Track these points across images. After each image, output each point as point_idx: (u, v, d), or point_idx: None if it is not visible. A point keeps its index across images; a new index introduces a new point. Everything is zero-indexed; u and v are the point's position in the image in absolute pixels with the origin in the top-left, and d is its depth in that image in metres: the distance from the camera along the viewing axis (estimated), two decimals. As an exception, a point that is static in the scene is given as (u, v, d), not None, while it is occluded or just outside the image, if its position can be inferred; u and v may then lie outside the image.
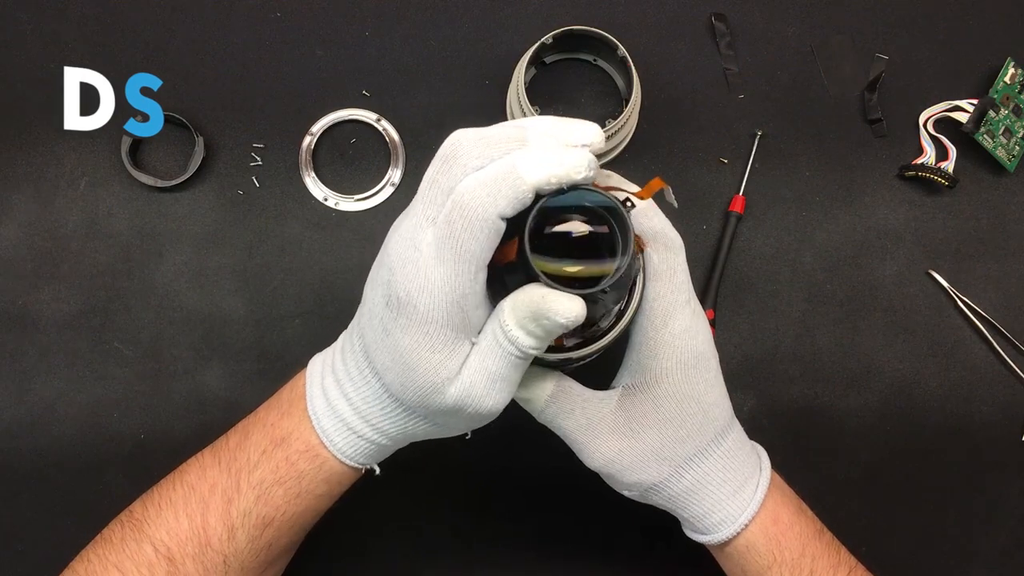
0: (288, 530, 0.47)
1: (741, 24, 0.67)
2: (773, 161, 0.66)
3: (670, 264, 0.43)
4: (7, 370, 0.62)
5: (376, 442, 0.45)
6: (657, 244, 0.43)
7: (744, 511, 0.46)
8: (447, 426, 0.44)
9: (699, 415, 0.45)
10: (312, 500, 0.47)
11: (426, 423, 0.43)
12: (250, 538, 0.45)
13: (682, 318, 0.44)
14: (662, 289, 0.43)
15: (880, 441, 0.64)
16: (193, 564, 0.45)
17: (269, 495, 0.45)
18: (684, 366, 0.44)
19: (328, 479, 0.46)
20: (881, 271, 0.65)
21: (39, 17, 0.65)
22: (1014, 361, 0.65)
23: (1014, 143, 0.66)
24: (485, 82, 0.65)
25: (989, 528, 0.63)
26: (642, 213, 0.43)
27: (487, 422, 0.43)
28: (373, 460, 0.47)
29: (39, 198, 0.63)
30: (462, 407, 0.40)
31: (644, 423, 0.45)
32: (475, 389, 0.40)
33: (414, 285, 0.37)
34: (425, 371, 0.39)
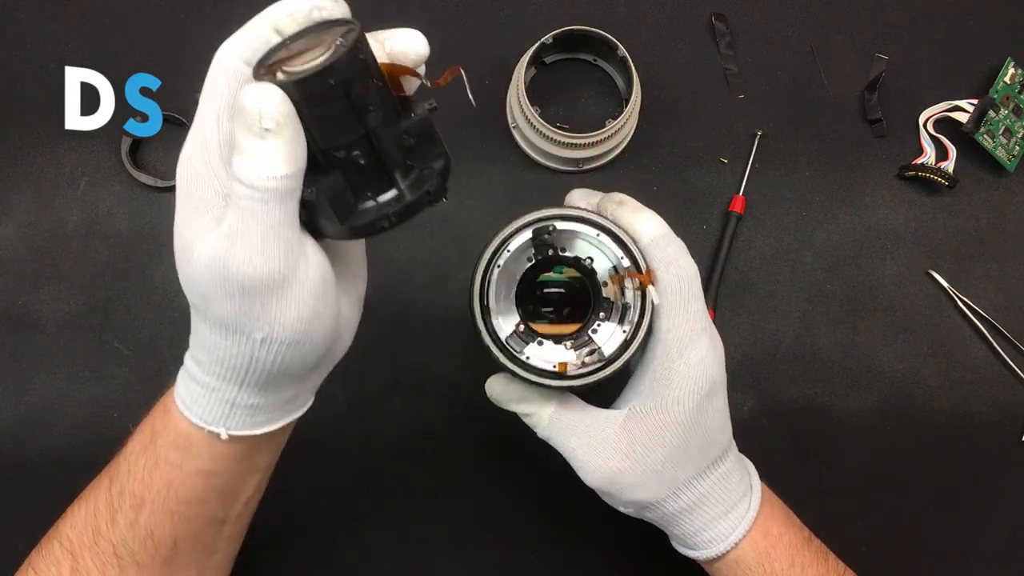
0: (165, 516, 0.43)
1: (741, 24, 0.67)
2: (773, 161, 0.66)
3: (684, 294, 0.43)
4: (7, 370, 0.62)
5: (206, 384, 0.40)
6: (670, 273, 0.43)
7: (735, 529, 0.46)
8: (241, 331, 0.37)
9: (703, 441, 0.45)
10: (170, 472, 0.43)
11: (223, 337, 0.38)
12: (129, 522, 0.43)
13: (698, 348, 0.44)
14: (677, 319, 0.43)
15: (880, 441, 0.64)
16: (90, 556, 0.44)
17: (135, 466, 0.43)
18: (697, 396, 0.44)
19: (177, 443, 0.42)
20: (881, 271, 0.65)
21: (39, 17, 0.65)
22: (1014, 361, 0.65)
23: (1014, 143, 0.66)
24: (485, 82, 0.65)
25: (989, 528, 0.63)
26: (655, 244, 0.43)
27: (264, 301, 0.37)
28: (221, 420, 0.41)
29: (39, 198, 0.63)
30: (214, 271, 0.36)
31: (648, 446, 0.45)
32: (218, 248, 0.35)
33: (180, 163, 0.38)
34: (179, 237, 0.37)
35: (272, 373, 0.39)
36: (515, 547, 0.62)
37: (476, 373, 0.63)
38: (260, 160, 0.34)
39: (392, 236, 0.63)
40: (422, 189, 0.38)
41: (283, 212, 0.35)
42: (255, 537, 0.61)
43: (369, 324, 0.63)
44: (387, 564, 0.61)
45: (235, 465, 0.44)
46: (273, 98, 0.33)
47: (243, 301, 0.36)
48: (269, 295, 0.36)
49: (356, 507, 0.62)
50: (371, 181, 0.38)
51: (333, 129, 0.36)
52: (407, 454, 0.62)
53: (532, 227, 0.42)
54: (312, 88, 0.34)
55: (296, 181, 0.35)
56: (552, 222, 0.42)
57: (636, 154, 0.65)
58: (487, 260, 0.43)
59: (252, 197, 0.35)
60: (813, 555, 0.48)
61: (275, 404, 0.42)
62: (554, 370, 0.44)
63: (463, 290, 0.63)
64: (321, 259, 0.38)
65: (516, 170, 0.65)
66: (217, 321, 0.38)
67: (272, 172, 0.34)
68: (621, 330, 0.44)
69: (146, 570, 0.44)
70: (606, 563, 0.62)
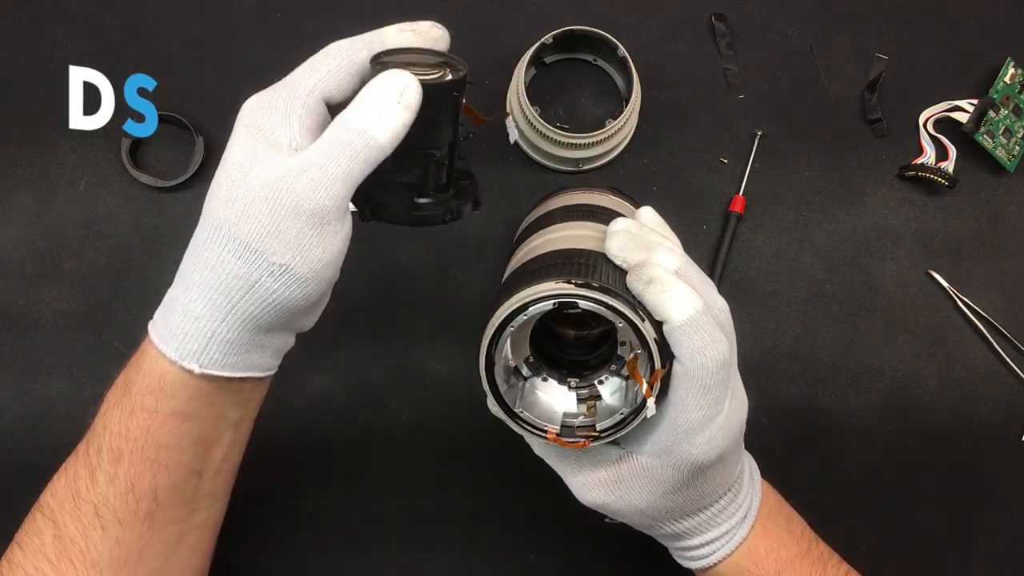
0: (144, 465, 0.43)
1: (741, 24, 0.67)
2: (773, 161, 0.66)
3: (704, 383, 0.41)
4: (7, 370, 0.62)
5: (190, 312, 0.41)
6: (694, 362, 0.40)
7: (716, 552, 0.47)
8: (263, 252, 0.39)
9: (696, 496, 0.45)
10: (146, 418, 0.43)
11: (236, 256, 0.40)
12: (108, 478, 0.43)
13: (707, 431, 0.42)
14: (691, 405, 0.41)
15: (880, 441, 0.64)
16: (72, 520, 0.44)
17: (111, 421, 0.44)
18: (695, 470, 0.43)
19: (151, 386, 0.43)
20: (881, 271, 0.65)
21: (38, 17, 0.65)
22: (1014, 361, 0.65)
23: (1014, 143, 0.66)
24: (485, 82, 0.65)
25: (989, 528, 0.63)
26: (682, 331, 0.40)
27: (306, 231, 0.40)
28: (196, 356, 0.41)
29: (39, 198, 0.63)
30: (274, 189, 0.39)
31: (636, 491, 0.44)
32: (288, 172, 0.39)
33: None
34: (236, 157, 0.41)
35: (264, 305, 0.41)
36: (515, 547, 0.62)
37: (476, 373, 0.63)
38: (377, 119, 0.40)
39: (392, 236, 0.63)
40: (470, 198, 0.46)
41: (360, 169, 0.40)
42: (256, 536, 0.61)
43: (369, 324, 0.63)
44: (387, 564, 0.61)
45: (207, 410, 0.44)
46: (415, 85, 0.40)
47: (283, 223, 0.39)
48: (310, 228, 0.39)
49: (356, 507, 0.62)
50: (439, 184, 0.45)
51: (434, 132, 0.43)
52: (407, 454, 0.62)
53: (555, 300, 0.40)
54: (437, 94, 0.42)
55: (379, 157, 0.41)
56: (577, 300, 0.40)
57: (636, 154, 0.65)
58: (502, 321, 0.41)
59: (350, 142, 0.40)
60: (808, 567, 0.48)
61: (247, 348, 0.43)
62: (544, 433, 0.43)
63: (463, 290, 0.64)
64: (350, 222, 0.43)
65: (516, 170, 0.65)
66: (241, 240, 0.39)
67: (379, 134, 0.40)
68: (625, 392, 0.43)
69: (128, 527, 0.44)
70: (606, 563, 0.62)
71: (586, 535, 0.62)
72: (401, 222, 0.45)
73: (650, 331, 0.40)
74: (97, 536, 0.43)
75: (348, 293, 0.63)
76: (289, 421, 0.62)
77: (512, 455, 0.62)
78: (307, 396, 0.63)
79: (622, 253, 0.42)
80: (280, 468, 0.62)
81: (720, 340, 0.41)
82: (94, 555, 0.43)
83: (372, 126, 0.40)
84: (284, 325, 0.43)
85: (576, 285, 0.40)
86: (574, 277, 0.40)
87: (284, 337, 0.45)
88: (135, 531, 0.44)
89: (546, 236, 0.49)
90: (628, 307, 0.40)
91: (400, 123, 0.40)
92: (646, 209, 0.47)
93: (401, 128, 0.40)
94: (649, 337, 0.40)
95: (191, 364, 0.42)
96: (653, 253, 0.41)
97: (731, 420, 0.43)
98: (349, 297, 0.63)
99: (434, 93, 0.41)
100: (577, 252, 0.44)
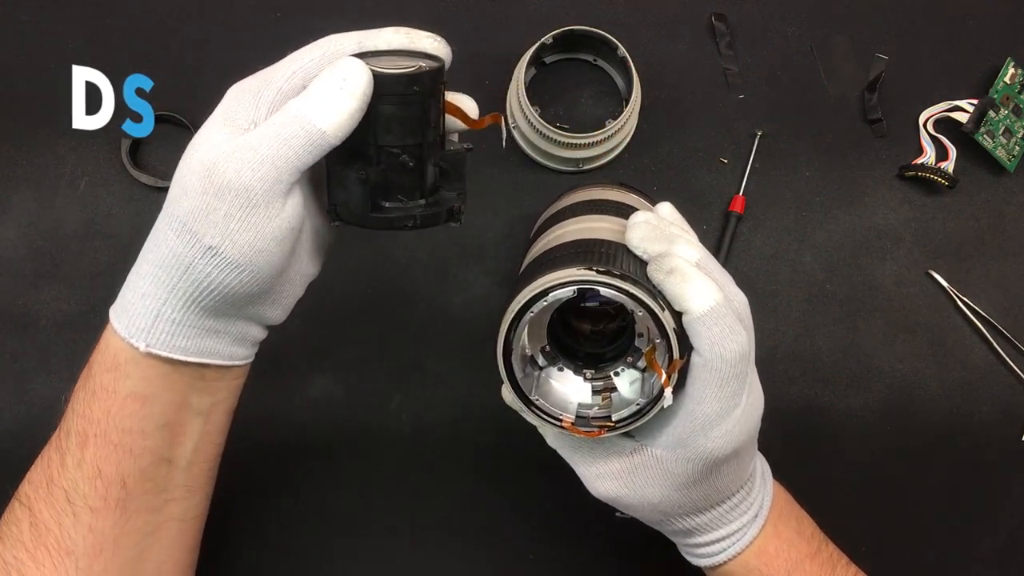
0: (108, 449, 0.43)
1: (741, 24, 0.67)
2: (773, 161, 0.66)
3: (723, 374, 0.40)
4: (7, 370, 0.62)
5: (138, 289, 0.42)
6: (713, 353, 0.40)
7: (726, 550, 0.47)
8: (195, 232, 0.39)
9: (709, 492, 0.44)
10: (106, 399, 0.43)
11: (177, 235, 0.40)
12: (76, 462, 0.43)
13: (724, 425, 0.41)
14: (709, 397, 0.41)
15: (880, 441, 0.64)
16: (46, 507, 0.44)
17: (78, 404, 0.44)
18: (709, 464, 0.42)
19: (107, 364, 0.43)
20: (881, 271, 0.65)
21: (38, 16, 0.65)
22: (1014, 361, 0.65)
23: (1014, 143, 0.66)
24: (485, 82, 0.65)
25: (989, 528, 0.63)
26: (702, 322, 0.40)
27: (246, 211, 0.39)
28: (143, 334, 0.41)
29: (39, 198, 0.63)
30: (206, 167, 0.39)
31: (649, 484, 0.44)
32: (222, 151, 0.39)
33: None
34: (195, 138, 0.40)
35: (200, 287, 0.40)
36: (515, 547, 0.62)
37: (476, 373, 0.63)
38: (319, 105, 0.38)
39: (393, 236, 0.63)
40: (445, 207, 0.43)
41: (295, 155, 0.39)
42: (255, 536, 0.61)
43: (369, 324, 0.63)
44: (387, 564, 0.61)
45: (167, 393, 0.44)
46: (361, 69, 0.39)
47: (212, 202, 0.39)
48: (237, 210, 0.39)
49: (356, 507, 0.62)
50: (405, 187, 0.42)
51: (398, 129, 0.41)
52: (407, 454, 0.62)
53: (576, 287, 0.40)
54: (396, 87, 0.40)
55: (320, 144, 0.39)
56: (598, 287, 0.40)
57: (636, 154, 0.65)
58: (522, 306, 0.41)
59: (285, 125, 0.39)
60: (818, 568, 0.48)
61: (198, 332, 0.42)
62: (559, 421, 0.43)
63: (463, 290, 0.64)
64: (298, 213, 0.41)
65: (516, 170, 0.65)
66: (180, 218, 0.39)
67: (317, 119, 0.38)
68: (641, 384, 0.43)
69: (100, 515, 0.43)
70: (605, 564, 0.62)
71: (586, 535, 0.62)
72: (357, 223, 0.43)
73: (669, 320, 0.40)
74: (70, 522, 0.43)
75: (348, 293, 0.63)
76: (289, 421, 0.62)
77: (512, 455, 0.62)
78: (307, 396, 0.63)
79: (643, 244, 0.42)
80: (280, 468, 0.62)
81: (739, 332, 0.40)
82: (68, 543, 0.43)
83: (309, 110, 0.39)
84: (234, 312, 0.43)
85: (598, 272, 0.39)
86: (595, 265, 0.40)
87: (241, 326, 0.44)
88: (107, 519, 0.44)
89: (563, 229, 0.49)
90: (648, 296, 0.40)
91: (343, 110, 0.38)
92: (665, 204, 0.47)
93: (346, 116, 0.39)
94: (668, 326, 0.40)
95: (138, 342, 0.42)
96: (674, 245, 0.41)
97: (747, 415, 0.43)
98: (349, 297, 0.63)
99: (392, 86, 0.40)
100: (597, 242, 0.44)
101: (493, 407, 0.62)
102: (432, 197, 0.43)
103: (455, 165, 0.44)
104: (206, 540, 0.51)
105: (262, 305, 0.44)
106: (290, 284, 0.45)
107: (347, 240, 0.63)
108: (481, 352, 0.63)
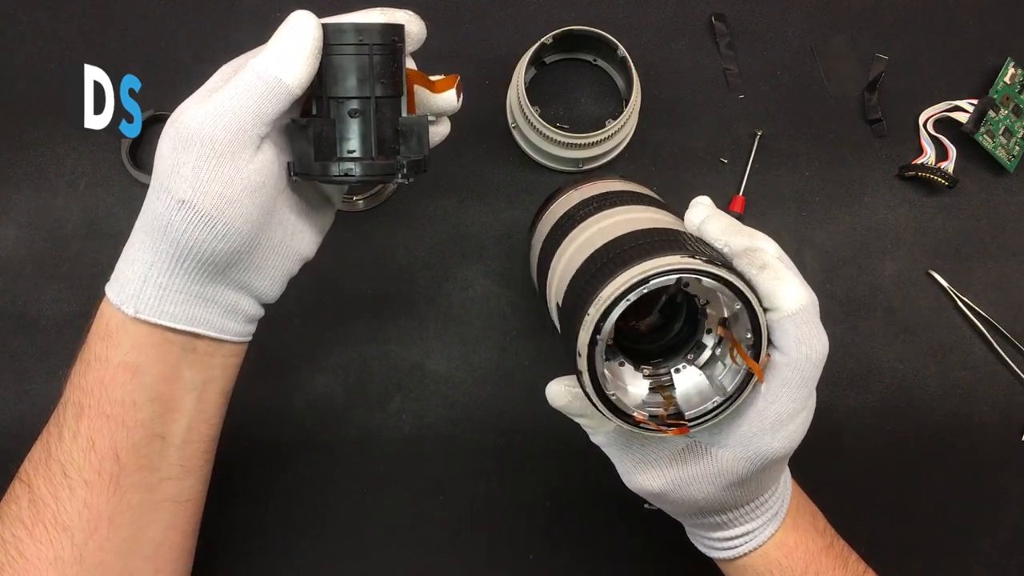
0: (102, 420, 0.43)
1: (741, 24, 0.67)
2: (773, 161, 0.66)
3: (804, 375, 0.40)
4: (7, 370, 0.62)
5: (128, 257, 0.43)
6: (800, 352, 0.40)
7: (749, 542, 0.47)
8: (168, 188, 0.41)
9: (753, 490, 0.44)
10: (99, 368, 0.43)
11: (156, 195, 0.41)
12: (72, 434, 0.44)
13: (791, 425, 0.41)
14: (784, 396, 0.40)
15: (880, 441, 0.64)
16: (44, 483, 0.44)
17: (75, 375, 0.45)
18: (767, 462, 0.42)
19: (99, 331, 0.44)
20: (881, 271, 0.65)
21: (37, 16, 0.65)
22: (1014, 361, 0.65)
23: (1014, 143, 0.66)
24: (485, 82, 0.65)
25: (989, 528, 0.63)
26: (793, 320, 0.39)
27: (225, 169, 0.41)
28: (132, 299, 0.42)
29: (39, 198, 0.63)
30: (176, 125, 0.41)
31: (697, 483, 0.43)
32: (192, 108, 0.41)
33: None
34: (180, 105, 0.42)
35: (182, 246, 0.41)
36: (515, 547, 0.62)
37: (476, 373, 0.63)
38: (273, 54, 0.41)
39: (393, 236, 0.63)
40: (398, 166, 0.44)
41: (257, 106, 0.41)
42: (255, 536, 0.61)
43: (370, 324, 0.63)
44: (387, 564, 0.61)
45: (158, 364, 0.44)
46: (309, 17, 0.41)
47: (181, 156, 0.40)
48: (203, 161, 0.40)
49: (356, 507, 0.62)
50: (359, 143, 0.43)
51: (346, 81, 0.42)
52: (407, 454, 0.62)
53: (680, 275, 0.38)
54: (343, 36, 0.41)
55: (281, 96, 0.41)
56: (700, 277, 0.38)
57: (636, 154, 0.65)
58: (620, 293, 0.38)
59: (244, 76, 0.41)
60: (832, 560, 0.48)
61: (185, 298, 0.43)
62: (631, 415, 0.41)
63: (463, 290, 0.64)
64: (268, 167, 0.42)
65: (516, 170, 0.65)
66: (157, 177, 0.41)
67: (276, 70, 0.41)
68: (704, 383, 0.42)
69: (95, 489, 0.44)
70: (605, 564, 0.62)
71: (586, 535, 0.62)
72: (309, 176, 0.44)
73: (764, 316, 0.39)
74: (66, 496, 0.43)
75: (348, 293, 0.63)
76: (289, 421, 0.62)
77: (512, 455, 0.62)
78: (307, 396, 0.63)
79: (724, 236, 0.41)
80: (280, 468, 0.62)
81: (824, 334, 0.40)
82: (64, 518, 0.43)
83: (265, 61, 0.41)
84: (220, 277, 0.43)
85: (703, 261, 0.38)
86: (697, 255, 0.38)
87: (230, 295, 0.44)
88: (102, 494, 0.44)
89: (609, 220, 0.46)
90: (749, 290, 0.39)
91: (297, 57, 0.41)
92: (703, 198, 0.45)
93: (300, 63, 0.41)
94: (762, 322, 0.39)
95: (127, 307, 0.42)
96: (755, 239, 0.41)
97: (809, 419, 0.42)
98: (349, 297, 0.63)
99: (339, 35, 0.42)
100: (677, 232, 0.42)
101: (493, 407, 0.63)
102: (385, 156, 0.44)
103: (417, 131, 0.45)
104: (206, 540, 0.51)
105: (246, 271, 0.44)
106: (275, 253, 0.45)
107: (347, 240, 0.64)
108: (481, 352, 0.63)
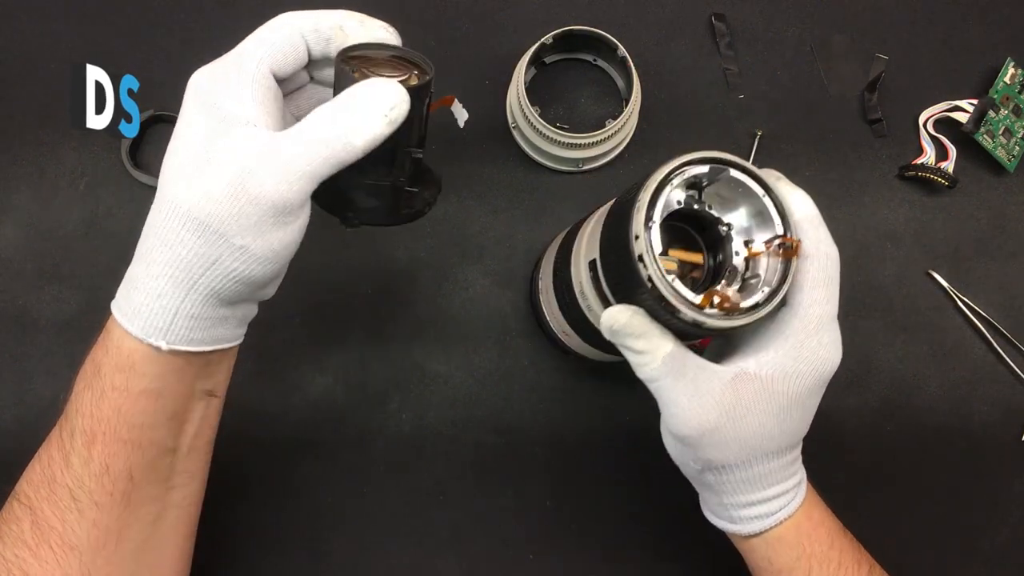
0: (117, 446, 0.43)
1: (741, 24, 0.67)
2: (773, 161, 0.66)
3: (830, 273, 0.44)
4: (7, 370, 0.62)
5: (152, 291, 0.42)
6: (820, 251, 0.44)
7: (784, 508, 0.47)
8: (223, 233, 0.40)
9: (798, 422, 0.45)
10: (117, 397, 0.43)
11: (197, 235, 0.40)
12: (83, 461, 0.43)
13: (832, 331, 0.45)
14: (820, 297, 0.44)
15: (880, 441, 0.64)
16: (48, 506, 0.44)
17: (82, 404, 0.44)
18: (817, 377, 0.44)
19: (120, 364, 0.43)
20: (881, 271, 0.65)
21: (37, 16, 0.65)
22: (1014, 361, 0.65)
23: (1014, 143, 0.66)
24: (485, 82, 0.65)
25: (989, 528, 0.63)
26: (808, 222, 0.44)
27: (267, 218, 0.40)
28: (162, 332, 0.42)
29: (39, 198, 0.63)
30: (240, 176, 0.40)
31: (750, 409, 0.44)
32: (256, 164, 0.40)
33: None
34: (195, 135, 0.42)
35: (225, 280, 0.41)
36: (515, 547, 0.62)
37: (476, 373, 0.63)
38: (361, 129, 0.40)
39: (393, 236, 0.63)
40: (436, 185, 0.47)
41: (329, 170, 0.41)
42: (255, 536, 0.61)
43: (369, 324, 0.63)
44: (387, 564, 0.61)
45: (177, 385, 0.44)
46: (406, 101, 0.41)
47: (245, 209, 0.40)
48: (271, 216, 0.40)
49: (356, 507, 0.62)
50: (414, 179, 0.45)
51: (413, 132, 0.43)
52: (407, 454, 0.62)
53: (710, 163, 0.41)
54: (420, 94, 0.42)
55: (351, 160, 0.41)
56: (729, 168, 0.41)
57: (636, 154, 0.65)
58: (666, 174, 0.41)
59: (327, 144, 0.40)
60: (850, 541, 0.49)
61: (212, 323, 0.43)
62: (698, 302, 0.41)
63: (463, 290, 0.64)
64: (309, 206, 0.43)
65: (516, 170, 0.65)
66: (201, 220, 0.40)
67: (358, 140, 0.41)
68: None
69: (105, 509, 0.44)
70: (605, 564, 0.62)
71: (586, 535, 0.62)
72: (392, 223, 0.46)
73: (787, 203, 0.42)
74: (74, 519, 0.43)
75: (348, 293, 0.63)
76: (289, 421, 0.62)
77: (512, 455, 0.62)
78: (307, 396, 0.63)
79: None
80: (280, 468, 0.62)
81: (832, 239, 0.44)
82: (72, 539, 0.43)
83: (353, 135, 0.40)
84: (246, 297, 0.44)
85: (727, 155, 0.41)
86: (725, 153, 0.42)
87: (246, 308, 0.46)
88: (112, 513, 0.44)
89: None
90: (771, 184, 0.42)
91: (381, 134, 0.41)
92: None
93: (381, 138, 0.41)
94: (787, 207, 0.42)
95: (158, 341, 0.42)
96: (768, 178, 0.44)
97: (839, 341, 0.45)
98: (349, 297, 0.63)
99: (421, 93, 0.42)
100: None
101: (493, 407, 0.63)
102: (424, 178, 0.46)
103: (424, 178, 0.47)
104: (206, 540, 0.51)
105: (270, 286, 0.45)
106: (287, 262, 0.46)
107: (347, 240, 0.64)
108: (481, 352, 0.63)
